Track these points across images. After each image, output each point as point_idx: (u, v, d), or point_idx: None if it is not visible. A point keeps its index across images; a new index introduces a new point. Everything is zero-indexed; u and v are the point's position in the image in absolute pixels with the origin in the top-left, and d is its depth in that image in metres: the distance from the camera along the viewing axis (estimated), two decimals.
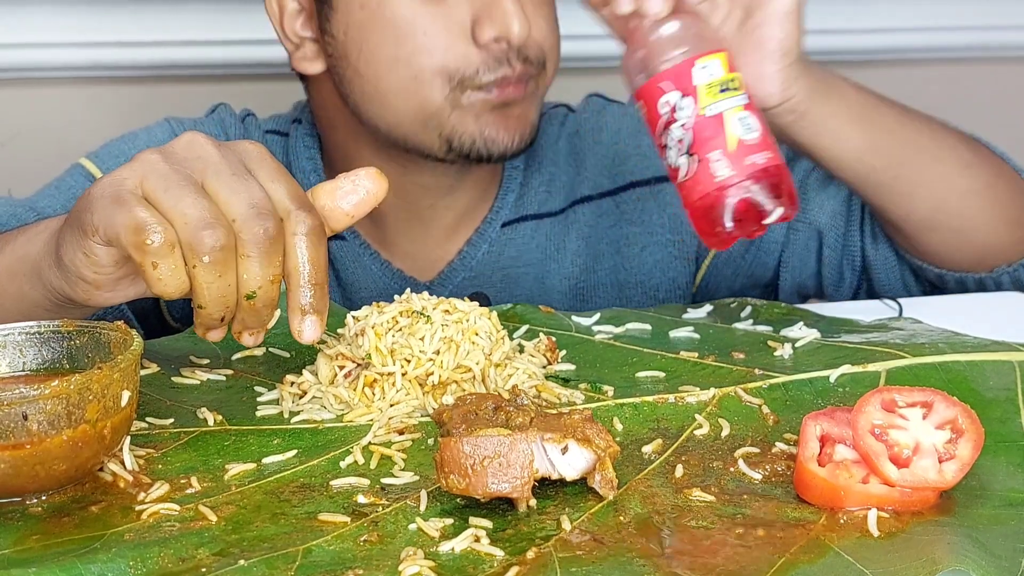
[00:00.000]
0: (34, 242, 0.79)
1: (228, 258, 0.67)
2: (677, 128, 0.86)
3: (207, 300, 0.68)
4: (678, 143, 0.86)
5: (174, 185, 0.67)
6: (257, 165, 0.70)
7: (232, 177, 0.68)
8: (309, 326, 0.69)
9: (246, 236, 0.67)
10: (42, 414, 0.62)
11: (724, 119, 0.85)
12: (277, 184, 0.69)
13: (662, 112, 0.86)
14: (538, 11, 1.05)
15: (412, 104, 1.04)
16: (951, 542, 0.59)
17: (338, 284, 1.15)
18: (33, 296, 0.79)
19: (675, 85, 0.85)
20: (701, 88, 0.85)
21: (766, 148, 0.86)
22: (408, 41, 1.02)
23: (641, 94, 0.88)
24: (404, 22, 1.02)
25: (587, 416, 0.66)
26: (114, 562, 0.57)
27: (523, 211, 1.18)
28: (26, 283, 0.79)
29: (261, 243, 0.67)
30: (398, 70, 1.03)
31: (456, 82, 1.02)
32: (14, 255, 0.81)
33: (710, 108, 0.85)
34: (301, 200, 0.69)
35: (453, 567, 0.58)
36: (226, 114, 1.20)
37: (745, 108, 0.86)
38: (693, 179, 0.87)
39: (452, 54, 1.01)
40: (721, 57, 0.86)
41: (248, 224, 0.67)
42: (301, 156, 1.17)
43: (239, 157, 0.70)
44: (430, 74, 1.02)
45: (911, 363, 0.79)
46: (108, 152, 1.14)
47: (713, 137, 0.85)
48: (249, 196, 0.67)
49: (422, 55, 1.02)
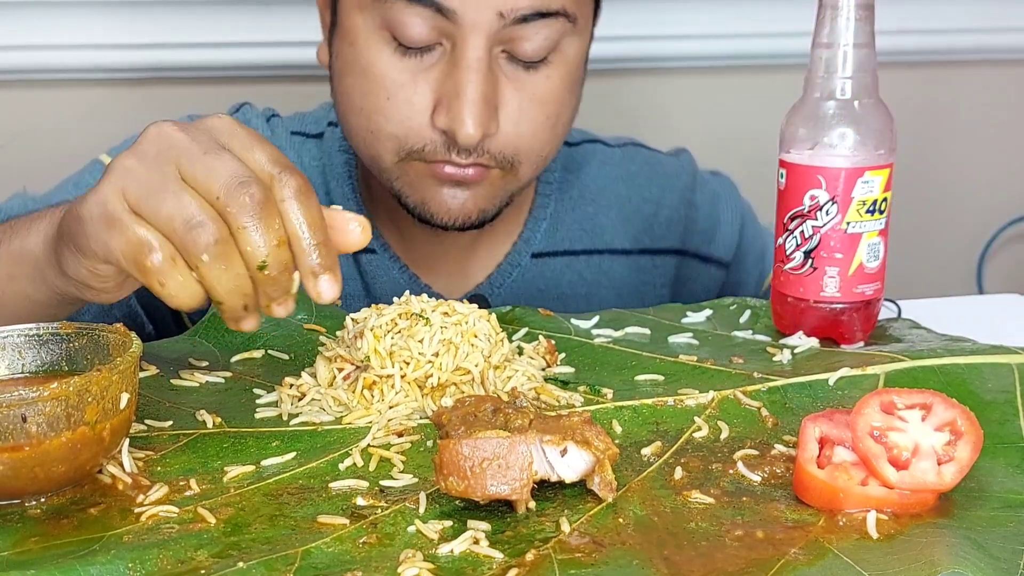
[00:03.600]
0: (30, 240, 0.78)
1: (227, 248, 0.65)
2: (809, 226, 0.85)
3: (223, 294, 0.66)
4: (801, 237, 0.85)
5: (153, 190, 0.66)
6: (229, 138, 0.68)
7: (205, 156, 0.66)
8: (325, 285, 0.67)
9: (234, 209, 0.64)
10: (41, 416, 0.62)
11: (859, 241, 0.85)
12: (253, 152, 0.67)
13: (804, 201, 0.85)
14: (522, 114, 1.00)
15: (367, 154, 1.04)
16: (950, 544, 0.59)
17: (367, 295, 1.15)
18: (37, 297, 0.79)
19: (830, 189, 0.84)
20: (855, 203, 0.84)
21: (879, 279, 0.86)
22: (371, 98, 1.00)
23: (791, 168, 0.86)
24: (375, 78, 0.99)
25: (586, 418, 0.66)
26: (113, 564, 0.57)
27: (556, 245, 1.17)
28: (29, 285, 0.79)
29: (251, 210, 0.64)
30: (360, 119, 1.02)
31: (405, 152, 1.00)
32: (10, 256, 0.80)
33: (852, 226, 0.84)
34: (281, 163, 0.67)
35: (452, 569, 0.57)
36: (251, 114, 1.19)
37: (880, 234, 0.86)
38: (797, 277, 0.87)
39: (407, 126, 0.99)
40: (885, 174, 0.85)
41: (232, 197, 0.64)
42: (336, 161, 1.16)
43: (209, 135, 0.68)
44: (384, 136, 1.01)
45: (910, 366, 0.79)
46: (127, 145, 1.13)
47: (839, 254, 0.85)
48: (225, 170, 0.65)
49: (380, 116, 1.00)
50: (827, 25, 0.85)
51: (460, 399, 0.69)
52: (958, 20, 1.84)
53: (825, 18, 0.85)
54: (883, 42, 0.90)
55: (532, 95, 1.00)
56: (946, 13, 1.84)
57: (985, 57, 1.91)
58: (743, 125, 1.73)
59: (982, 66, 1.92)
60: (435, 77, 0.98)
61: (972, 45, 1.88)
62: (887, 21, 0.99)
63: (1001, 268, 2.04)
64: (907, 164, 1.26)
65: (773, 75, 1.70)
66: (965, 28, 1.85)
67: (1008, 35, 1.88)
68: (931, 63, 1.89)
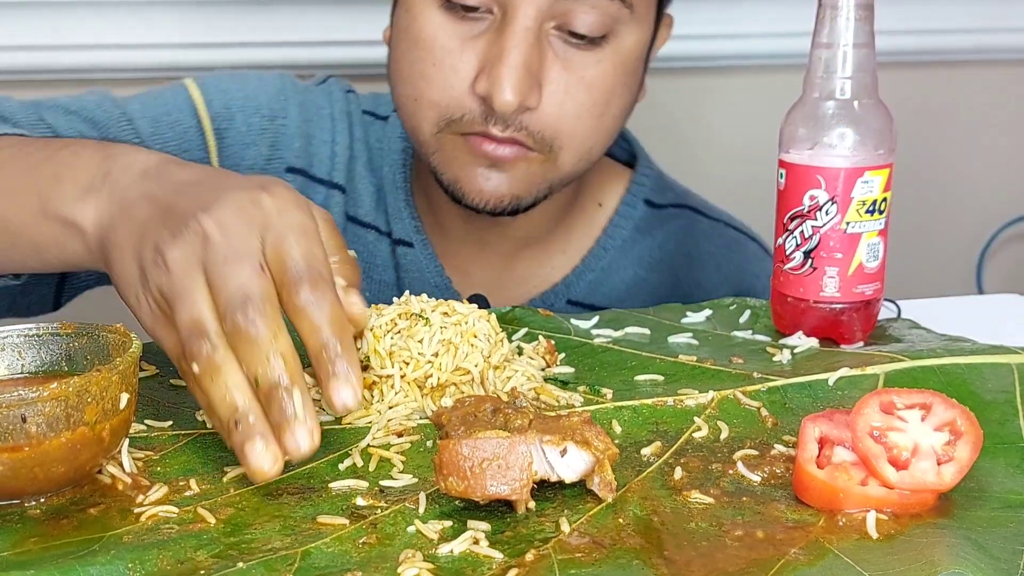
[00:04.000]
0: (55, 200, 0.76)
1: (216, 362, 0.63)
2: (809, 226, 0.85)
3: (213, 403, 0.63)
4: (801, 237, 0.85)
5: (177, 296, 0.65)
6: (277, 221, 0.67)
7: (223, 266, 0.65)
8: (337, 392, 0.64)
9: (228, 327, 0.63)
10: (41, 416, 0.62)
11: (858, 241, 0.84)
12: (286, 244, 0.66)
13: (803, 201, 0.85)
14: (567, 95, 0.98)
15: (410, 125, 1.04)
16: (950, 544, 0.59)
17: (396, 287, 1.15)
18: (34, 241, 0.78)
19: (829, 189, 0.84)
20: (854, 203, 0.84)
21: (879, 279, 0.86)
22: (418, 64, 1.00)
23: (790, 168, 0.86)
24: (424, 43, 0.99)
25: (586, 418, 0.66)
26: (113, 564, 0.57)
27: (595, 299, 1.15)
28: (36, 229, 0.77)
29: (243, 331, 0.63)
30: (406, 86, 1.02)
31: (444, 122, 1.00)
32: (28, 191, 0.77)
33: (852, 226, 0.84)
34: (314, 266, 0.66)
35: (452, 569, 0.57)
36: (336, 87, 1.19)
37: (879, 234, 0.85)
38: (797, 277, 0.86)
39: (448, 93, 0.99)
40: (885, 174, 0.84)
41: (230, 313, 0.63)
42: (394, 147, 1.16)
43: (249, 229, 0.66)
44: (426, 103, 1.00)
45: (910, 366, 0.79)
46: (215, 83, 1.13)
47: (839, 254, 0.85)
48: (234, 282, 0.64)
49: (423, 82, 1.00)
50: (827, 25, 0.85)
51: (460, 399, 0.68)
52: (958, 20, 1.84)
53: (825, 18, 0.85)
54: (883, 42, 0.90)
55: (580, 77, 0.99)
56: (946, 13, 1.84)
57: (985, 57, 1.91)
58: (742, 125, 1.73)
59: (982, 66, 1.92)
60: (481, 46, 0.98)
61: (972, 45, 1.88)
62: (887, 21, 0.99)
63: (1001, 268, 2.04)
64: (907, 164, 1.26)
65: (773, 75, 1.70)
66: (965, 28, 1.85)
67: (1008, 35, 1.88)
68: (931, 63, 1.89)
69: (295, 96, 1.16)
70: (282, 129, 1.14)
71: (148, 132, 1.07)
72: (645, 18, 1.02)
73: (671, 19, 1.11)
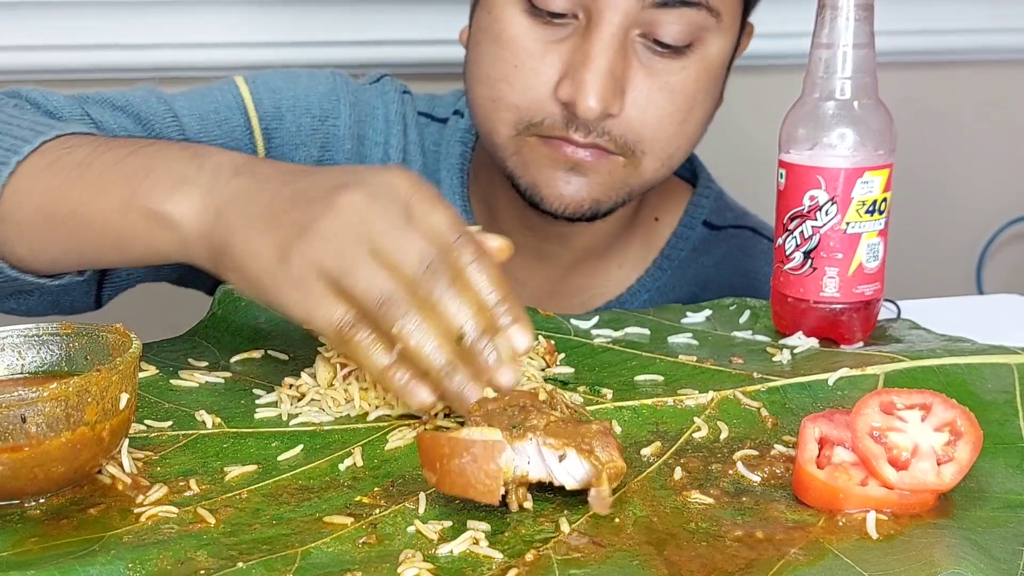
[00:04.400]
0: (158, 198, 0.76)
1: (421, 315, 0.68)
2: (809, 226, 0.85)
3: (426, 365, 0.69)
4: (801, 237, 0.85)
5: (348, 268, 0.68)
6: (413, 201, 0.70)
7: (395, 235, 0.69)
8: (518, 337, 0.71)
9: (424, 290, 0.69)
10: (40, 416, 0.62)
11: (858, 242, 0.84)
12: (434, 216, 0.70)
13: (803, 202, 0.85)
14: (650, 101, 0.98)
15: (486, 127, 1.03)
16: (950, 544, 0.59)
17: None
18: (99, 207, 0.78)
19: (829, 189, 0.84)
20: (854, 204, 0.83)
21: (879, 279, 0.86)
22: (499, 64, 0.99)
23: (790, 168, 0.85)
24: (506, 43, 0.98)
25: (604, 428, 0.65)
26: (113, 564, 0.57)
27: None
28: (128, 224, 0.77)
29: (444, 288, 0.69)
30: (484, 87, 1.01)
31: (524, 125, 0.99)
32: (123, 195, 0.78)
33: (851, 226, 0.84)
34: (457, 227, 0.71)
35: (452, 569, 0.57)
36: (390, 87, 1.17)
37: (879, 234, 0.85)
38: (797, 277, 0.86)
39: (529, 96, 0.98)
40: (885, 174, 0.84)
41: (423, 279, 0.69)
42: (453, 151, 1.15)
43: (396, 202, 0.70)
44: (504, 105, 0.99)
45: (909, 366, 0.79)
46: (266, 81, 1.12)
47: (839, 254, 0.84)
48: (414, 250, 0.69)
49: (504, 83, 0.99)
50: (827, 25, 0.85)
51: (502, 392, 0.69)
52: (958, 20, 1.84)
53: (825, 18, 0.85)
54: (883, 42, 0.90)
55: (664, 83, 0.98)
56: (946, 13, 1.84)
57: (985, 57, 1.91)
58: (743, 125, 1.72)
59: (982, 66, 1.92)
60: (566, 50, 0.97)
61: (972, 45, 1.88)
62: (887, 21, 0.99)
63: (1001, 268, 2.04)
64: (907, 164, 1.26)
65: (773, 75, 1.70)
66: (965, 28, 1.85)
67: (1008, 35, 1.88)
68: (931, 63, 1.89)
69: (347, 96, 1.13)
70: (333, 130, 1.12)
71: (195, 130, 1.05)
72: (731, 27, 1.01)
73: (752, 27, 1.10)
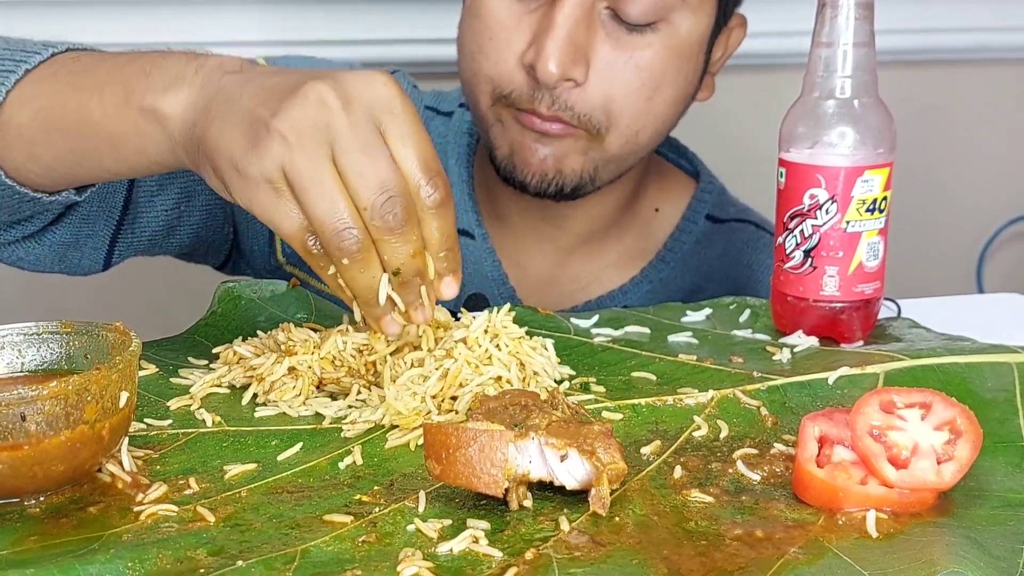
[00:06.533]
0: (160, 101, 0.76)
1: (367, 256, 0.71)
2: (809, 225, 0.85)
3: (358, 291, 0.73)
4: (801, 236, 0.85)
5: (309, 181, 0.69)
6: (388, 120, 0.71)
7: (359, 153, 0.70)
8: (446, 287, 0.75)
9: (378, 223, 0.70)
10: (40, 415, 0.62)
11: (858, 240, 0.84)
12: (406, 147, 0.71)
13: (803, 200, 0.85)
14: (615, 73, 0.99)
15: (471, 102, 1.06)
16: (949, 543, 0.59)
17: None
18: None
19: (829, 188, 0.84)
20: (854, 202, 0.84)
21: (879, 278, 0.86)
22: (477, 39, 1.02)
23: (790, 167, 0.86)
24: (483, 17, 1.01)
25: (606, 430, 0.65)
26: (112, 563, 0.57)
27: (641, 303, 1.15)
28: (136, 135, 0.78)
29: (393, 228, 0.70)
30: (467, 62, 1.04)
31: (497, 96, 1.01)
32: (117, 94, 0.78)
33: (851, 225, 0.84)
34: (430, 168, 0.72)
35: (451, 568, 0.57)
36: (402, 80, 1.19)
37: (879, 233, 0.85)
38: (797, 276, 0.86)
39: (500, 68, 1.01)
40: (885, 173, 0.84)
41: (377, 212, 0.70)
42: (459, 142, 1.16)
43: (369, 115, 0.71)
44: (482, 78, 1.02)
45: (909, 365, 0.79)
46: (286, 62, 1.12)
47: (839, 253, 0.84)
48: (376, 177, 0.70)
49: (481, 56, 1.02)
50: (827, 24, 0.85)
51: (503, 391, 0.69)
52: (958, 19, 1.84)
53: (825, 17, 0.85)
54: (883, 42, 0.90)
55: (630, 58, 0.99)
56: (946, 13, 1.84)
57: (985, 57, 1.91)
58: (743, 124, 1.73)
59: (982, 66, 1.92)
60: (535, 19, 0.99)
61: (972, 45, 1.88)
62: (887, 21, 0.99)
63: (1001, 268, 2.04)
64: (907, 164, 1.26)
65: (773, 75, 1.70)
66: (965, 27, 1.85)
67: (1008, 35, 1.88)
68: (931, 62, 1.89)
69: None
70: None
71: None
72: (700, 7, 1.02)
73: (743, 19, 1.10)
